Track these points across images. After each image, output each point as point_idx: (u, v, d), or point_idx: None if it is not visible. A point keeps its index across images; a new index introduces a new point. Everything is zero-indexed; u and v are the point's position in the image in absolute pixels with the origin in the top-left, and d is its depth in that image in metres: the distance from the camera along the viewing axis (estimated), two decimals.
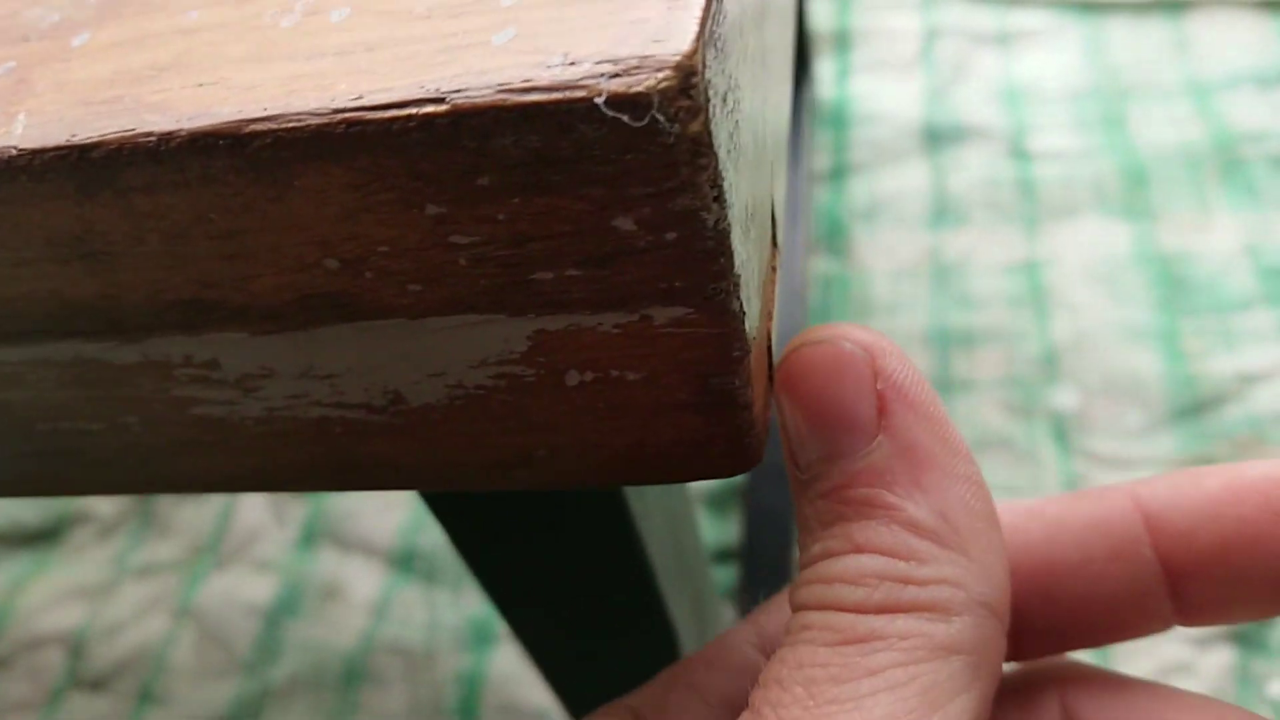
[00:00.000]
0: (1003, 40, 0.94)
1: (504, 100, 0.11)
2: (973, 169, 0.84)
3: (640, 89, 0.10)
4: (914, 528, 0.14)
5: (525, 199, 0.11)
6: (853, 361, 0.15)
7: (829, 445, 0.15)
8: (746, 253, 0.13)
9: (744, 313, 0.13)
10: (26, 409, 0.16)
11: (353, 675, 0.66)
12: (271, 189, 0.12)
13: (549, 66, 0.11)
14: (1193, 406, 0.64)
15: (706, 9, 0.11)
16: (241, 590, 0.72)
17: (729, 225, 0.12)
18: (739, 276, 0.12)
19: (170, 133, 0.12)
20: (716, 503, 0.68)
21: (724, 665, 0.18)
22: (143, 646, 0.71)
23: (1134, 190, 0.77)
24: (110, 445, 0.16)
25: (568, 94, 0.10)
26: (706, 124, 0.11)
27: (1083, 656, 0.19)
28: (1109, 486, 0.18)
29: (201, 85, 0.12)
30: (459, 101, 0.11)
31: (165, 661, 0.70)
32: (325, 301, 0.13)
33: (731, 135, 0.12)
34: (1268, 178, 0.75)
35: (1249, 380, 0.65)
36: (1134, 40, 0.90)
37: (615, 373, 0.13)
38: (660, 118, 0.10)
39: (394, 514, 0.73)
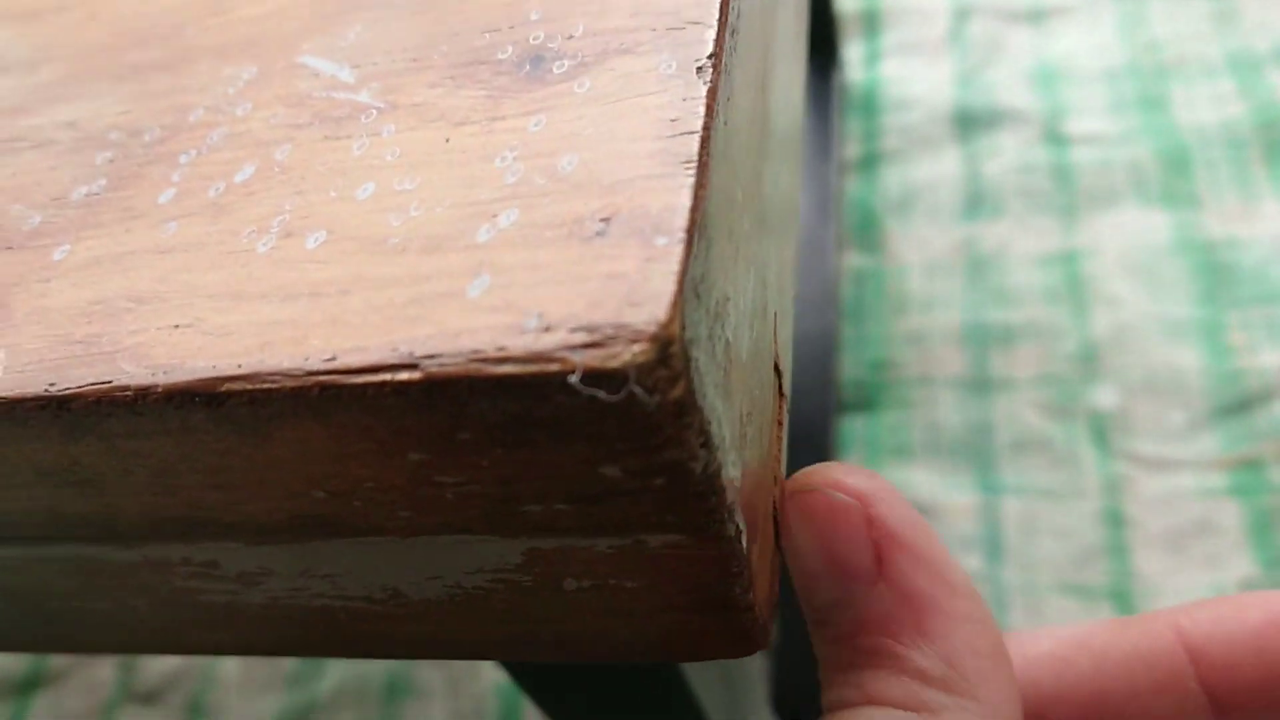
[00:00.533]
0: (1035, 18, 0.91)
1: (478, 370, 0.10)
2: (1007, 155, 0.82)
3: (615, 365, 0.10)
4: (922, 677, 0.15)
5: (507, 451, 0.11)
6: (845, 511, 0.15)
7: (832, 593, 0.15)
8: (742, 461, 0.13)
9: (740, 532, 0.12)
10: (34, 592, 0.16)
11: (395, 689, 0.67)
12: (252, 439, 0.11)
13: (523, 332, 0.10)
14: (1238, 404, 0.63)
15: (685, 257, 0.10)
16: None
17: (719, 465, 0.11)
18: (734, 503, 0.12)
19: (147, 387, 0.11)
20: None
21: None
22: (190, 661, 0.72)
23: (1175, 175, 0.75)
24: (120, 620, 0.16)
25: (542, 366, 0.10)
26: (689, 387, 0.10)
27: None
28: (1152, 616, 0.18)
29: (177, 326, 0.12)
30: (432, 370, 0.10)
31: (213, 675, 0.71)
32: (316, 522, 0.13)
33: (721, 365, 0.11)
34: None
35: None
36: (1174, 12, 0.87)
37: (613, 581, 0.13)
38: (637, 390, 0.10)
39: None
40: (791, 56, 0.21)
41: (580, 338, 0.10)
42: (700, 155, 0.11)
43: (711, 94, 0.12)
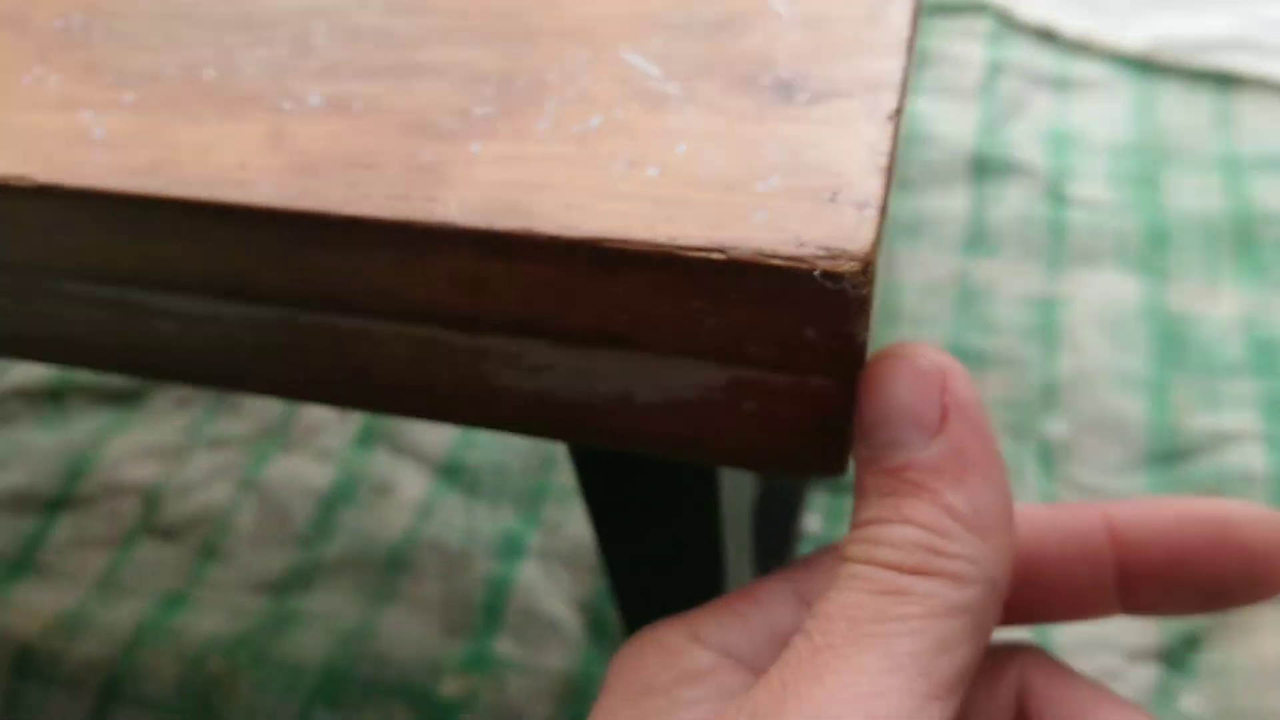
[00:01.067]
0: (1060, 85, 1.01)
1: (759, 259, 0.19)
2: (1011, 203, 0.92)
3: (840, 270, 0.19)
4: (951, 512, 0.19)
5: (755, 309, 0.20)
6: (928, 375, 0.20)
7: (897, 435, 0.19)
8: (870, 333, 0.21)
9: (854, 384, 0.21)
10: (374, 363, 0.24)
11: (395, 563, 0.75)
12: (607, 277, 0.20)
13: (789, 243, 0.19)
14: (1169, 453, 0.73)
15: (879, 219, 0.19)
16: (302, 473, 0.81)
17: (868, 338, 0.20)
18: (859, 364, 0.21)
19: (555, 236, 0.20)
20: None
21: (769, 600, 0.23)
22: (210, 507, 0.80)
23: (1154, 249, 0.85)
24: (393, 386, 0.25)
25: (797, 264, 0.19)
26: (871, 290, 0.19)
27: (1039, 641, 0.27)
28: (1086, 504, 0.23)
29: (569, 206, 0.20)
30: (734, 255, 0.19)
31: (229, 524, 0.79)
32: (610, 338, 0.21)
33: (879, 282, 0.20)
34: (1275, 258, 0.83)
35: (1223, 439, 0.73)
36: (1182, 106, 0.97)
37: (773, 407, 0.22)
38: (847, 286, 0.19)
39: (445, 430, 0.81)
40: None
41: (822, 253, 0.19)
42: (887, 165, 0.20)
43: (894, 134, 0.21)
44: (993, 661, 0.22)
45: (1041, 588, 0.23)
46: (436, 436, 0.82)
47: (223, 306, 0.24)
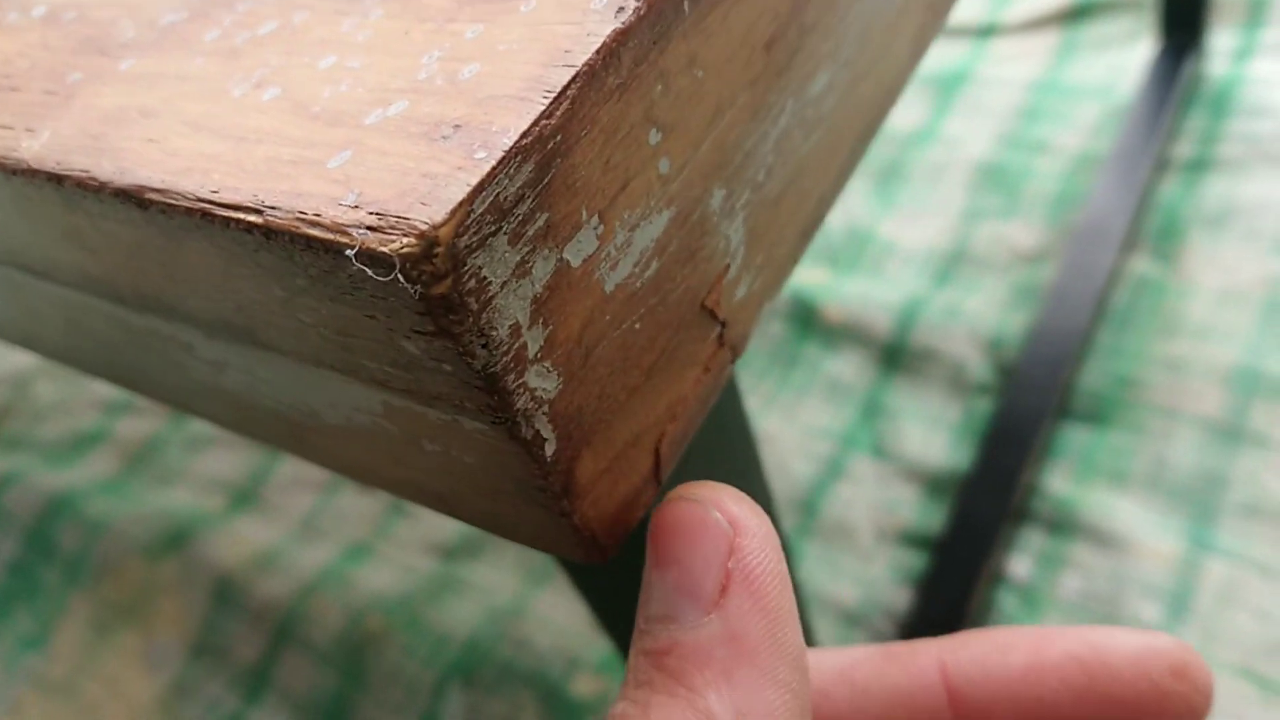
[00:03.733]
0: None
1: (295, 227, 0.12)
2: None
3: (382, 249, 0.11)
4: (707, 718, 0.14)
5: (334, 304, 0.13)
6: (713, 533, 0.15)
7: (666, 605, 0.15)
8: (569, 379, 0.14)
9: (543, 440, 0.13)
10: (94, 333, 0.20)
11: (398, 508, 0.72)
12: (172, 244, 0.14)
13: (339, 204, 0.12)
14: None
15: (492, 174, 0.12)
16: None
17: (506, 368, 0.12)
18: (531, 409, 0.13)
19: (104, 183, 0.14)
20: (934, 486, 0.66)
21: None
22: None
23: None
24: (152, 375, 0.20)
25: (336, 236, 0.12)
26: (457, 287, 0.11)
27: None
28: (919, 647, 0.18)
29: (151, 140, 0.14)
30: (271, 219, 0.12)
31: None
32: (240, 329, 0.15)
33: (538, 281, 0.13)
34: None
35: None
36: None
37: (455, 452, 0.15)
38: (401, 278, 0.11)
39: None
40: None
41: (372, 220, 0.12)
42: (565, 87, 0.12)
43: (620, 35, 0.13)
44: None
45: None
46: None
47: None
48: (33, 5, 0.19)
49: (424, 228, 0.11)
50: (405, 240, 0.11)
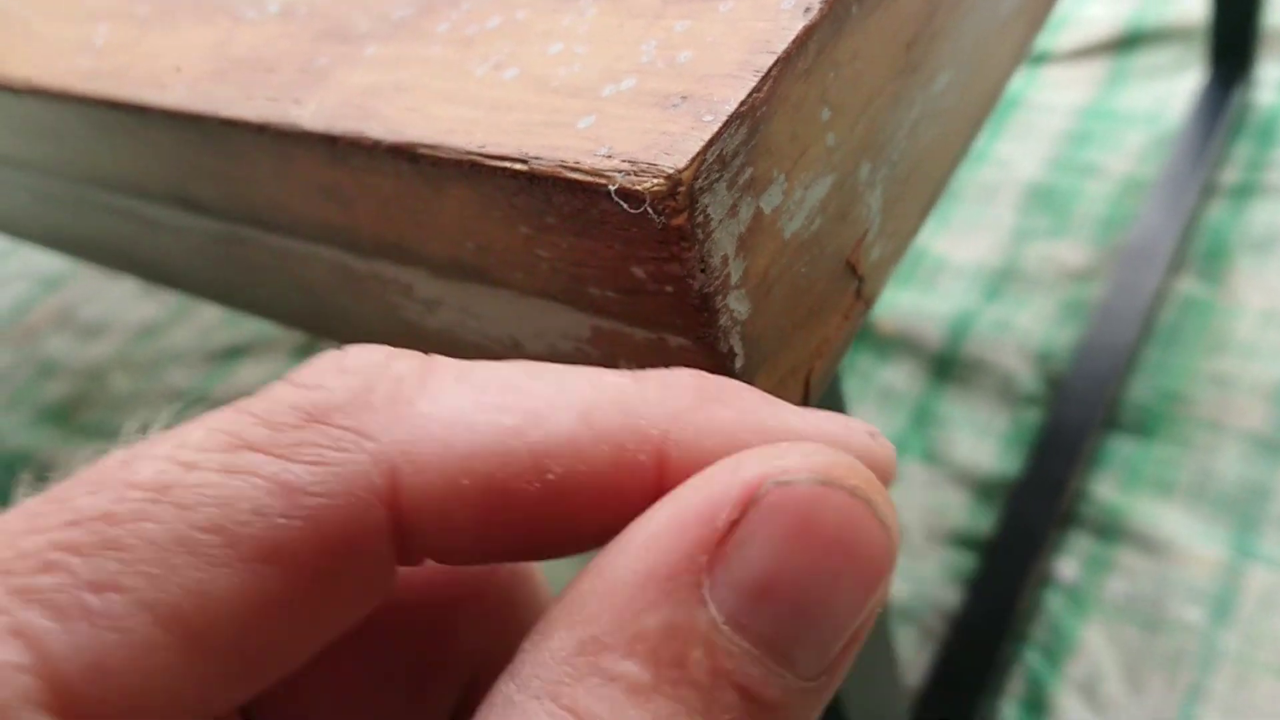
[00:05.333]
0: None
1: (558, 172, 0.15)
2: None
3: (637, 187, 0.14)
4: None
5: (577, 238, 0.16)
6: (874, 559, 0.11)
7: (783, 640, 0.11)
8: (756, 306, 0.17)
9: (735, 355, 0.17)
10: (308, 281, 0.23)
11: None
12: (433, 191, 0.17)
13: (594, 155, 0.15)
14: None
15: (718, 135, 0.15)
16: None
17: (715, 292, 0.16)
18: (729, 327, 0.16)
19: (378, 140, 0.17)
20: (983, 491, 0.68)
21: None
22: None
23: None
24: (341, 313, 0.23)
25: (595, 179, 0.15)
26: (691, 220, 0.15)
27: None
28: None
29: (411, 109, 0.18)
30: (535, 166, 0.15)
31: None
32: (471, 268, 0.19)
33: (742, 223, 0.16)
34: None
35: None
36: None
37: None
38: (650, 211, 0.14)
39: None
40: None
41: (625, 166, 0.15)
42: (770, 70, 0.16)
43: (808, 30, 0.16)
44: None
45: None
46: None
47: (180, 216, 0.24)
48: (267, 2, 0.23)
49: (670, 171, 0.14)
50: (654, 181, 0.14)
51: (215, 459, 0.11)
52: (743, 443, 0.12)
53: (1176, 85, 0.90)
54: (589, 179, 0.15)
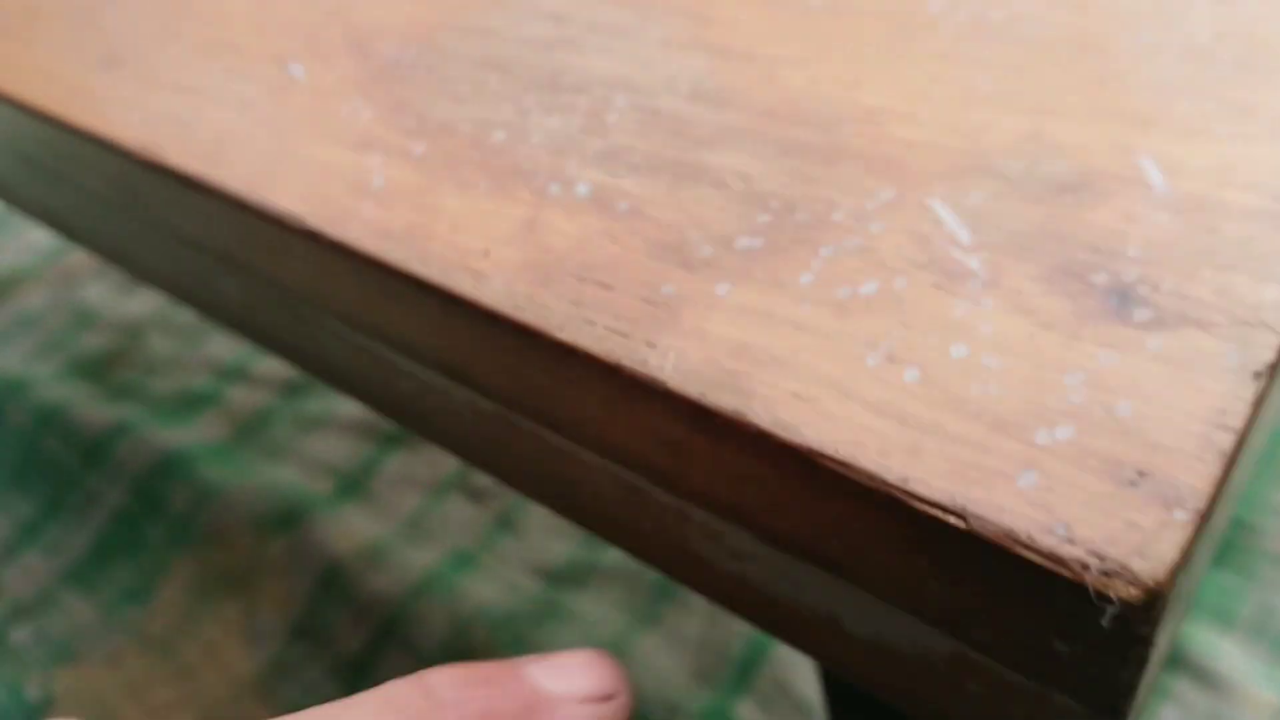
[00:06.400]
0: None
1: (1005, 543, 0.14)
2: None
3: (1115, 593, 0.13)
4: None
5: (994, 595, 0.15)
6: None
7: None
8: (1151, 676, 0.16)
9: (1124, 715, 0.16)
10: (580, 478, 0.22)
11: (665, 590, 0.74)
12: (819, 499, 0.16)
13: (1050, 532, 0.14)
14: None
15: (1193, 536, 0.14)
16: None
17: (1139, 681, 0.15)
18: (1133, 702, 0.15)
19: (767, 433, 0.16)
20: None
21: None
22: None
23: None
24: (613, 519, 0.22)
25: (1053, 566, 0.14)
26: (1155, 629, 0.14)
27: None
28: None
29: (797, 396, 0.17)
30: (975, 527, 0.14)
31: (528, 503, 0.81)
32: (820, 557, 0.18)
33: (1176, 620, 0.15)
34: None
35: None
36: None
37: (1010, 708, 0.17)
38: (1120, 615, 0.14)
39: None
40: None
41: (1093, 561, 0.14)
42: (1233, 453, 0.15)
43: (1257, 403, 0.15)
44: None
45: None
46: None
47: (450, 384, 0.23)
48: (574, 180, 0.22)
49: (1150, 584, 0.13)
50: (1132, 591, 0.13)
51: None
52: None
53: None
54: (1044, 563, 0.14)
